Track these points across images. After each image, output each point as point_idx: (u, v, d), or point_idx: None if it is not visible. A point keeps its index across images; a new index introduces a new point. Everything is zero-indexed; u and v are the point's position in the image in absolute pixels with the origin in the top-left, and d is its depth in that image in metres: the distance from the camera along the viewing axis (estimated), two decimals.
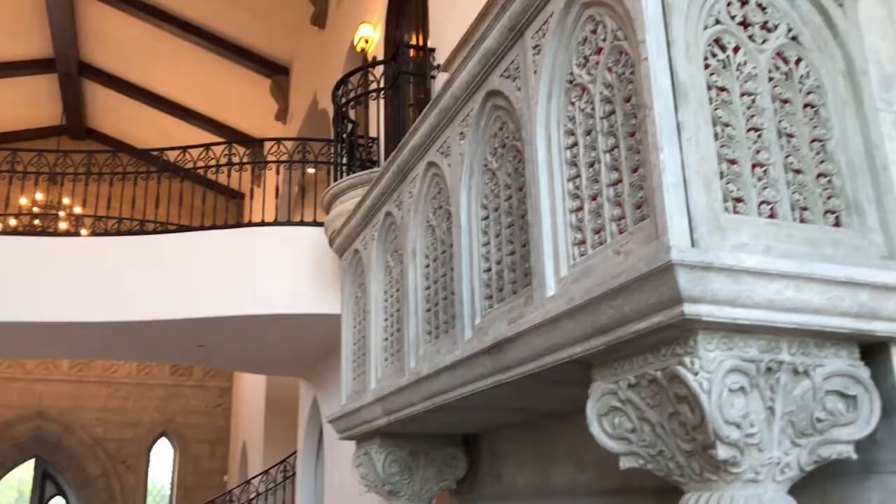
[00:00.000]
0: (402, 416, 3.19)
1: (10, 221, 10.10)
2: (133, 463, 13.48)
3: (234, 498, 9.81)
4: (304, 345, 6.95)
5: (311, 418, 7.94)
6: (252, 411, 11.43)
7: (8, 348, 7.93)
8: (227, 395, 14.03)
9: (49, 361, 13.33)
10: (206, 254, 6.35)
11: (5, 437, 13.09)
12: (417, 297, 3.18)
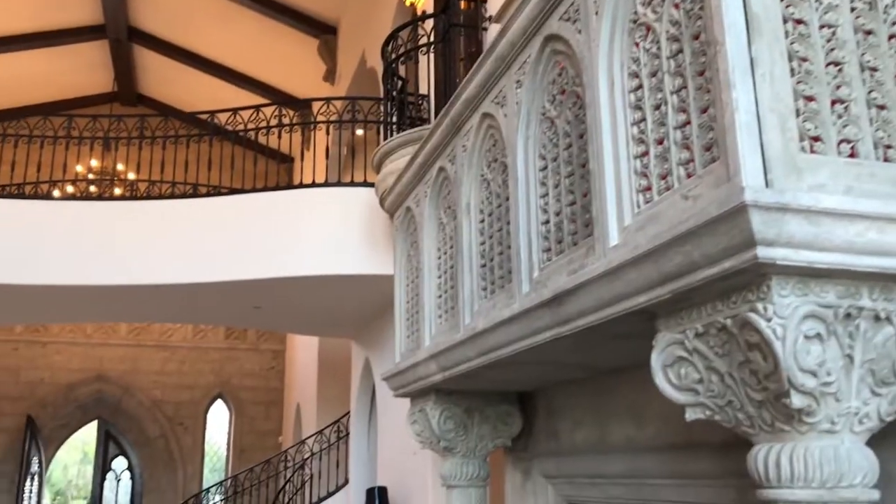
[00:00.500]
0: (457, 373, 3.18)
1: (67, 188, 10.33)
2: (190, 424, 13.85)
3: (289, 458, 10.02)
4: (355, 306, 6.99)
5: (363, 379, 8.02)
6: (305, 373, 11.61)
7: (69, 312, 8.15)
8: (281, 358, 14.27)
9: (108, 326, 13.71)
10: (259, 216, 6.40)
11: (69, 400, 13.55)
12: (472, 252, 3.14)
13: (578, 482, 3.15)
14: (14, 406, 13.19)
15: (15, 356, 13.36)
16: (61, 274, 6.42)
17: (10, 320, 10.95)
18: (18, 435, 12.97)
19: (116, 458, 14.15)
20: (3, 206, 6.77)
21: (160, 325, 13.88)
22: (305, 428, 11.04)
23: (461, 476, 3.68)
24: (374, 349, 7.50)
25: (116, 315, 9.28)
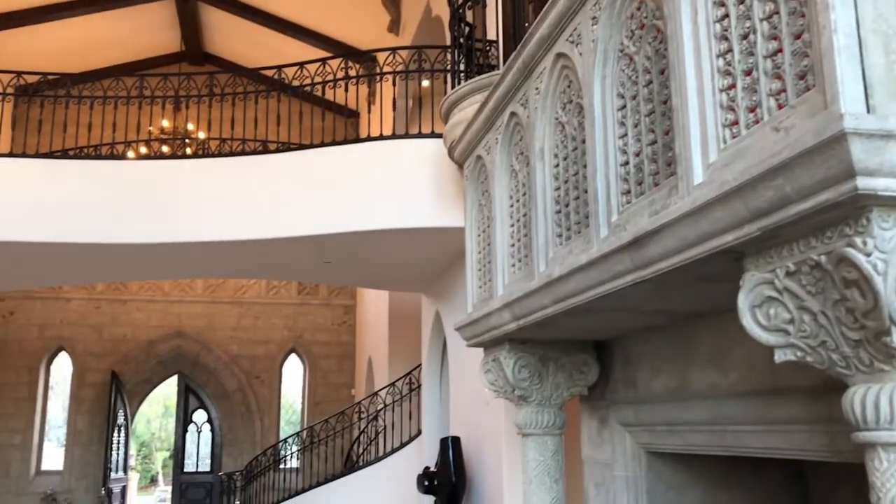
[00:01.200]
0: (532, 321, 3.16)
1: (140, 149, 10.61)
2: (266, 378, 14.26)
3: (363, 409, 10.23)
4: (424, 259, 7.02)
5: (433, 332, 8.09)
6: (376, 328, 11.79)
7: (147, 270, 8.41)
8: (352, 313, 14.52)
9: (185, 284, 14.15)
10: (327, 170, 6.45)
11: (150, 356, 14.10)
12: (546, 198, 3.09)
13: (657, 430, 3.12)
14: (99, 362, 13.80)
15: (98, 314, 13.93)
16: (138, 233, 6.61)
17: (91, 279, 11.38)
18: (104, 389, 13.58)
19: (197, 411, 14.71)
20: (82, 168, 6.97)
21: (234, 282, 14.25)
22: (377, 380, 11.24)
23: (536, 424, 3.68)
24: (444, 302, 7.54)
25: (192, 272, 9.54)
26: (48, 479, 13.48)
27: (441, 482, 6.09)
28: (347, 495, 9.16)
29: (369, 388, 12.12)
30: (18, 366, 13.57)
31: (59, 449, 14.74)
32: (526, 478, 3.70)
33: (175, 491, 14.43)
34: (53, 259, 7.31)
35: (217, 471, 14.00)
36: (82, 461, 13.52)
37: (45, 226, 6.58)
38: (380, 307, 11.25)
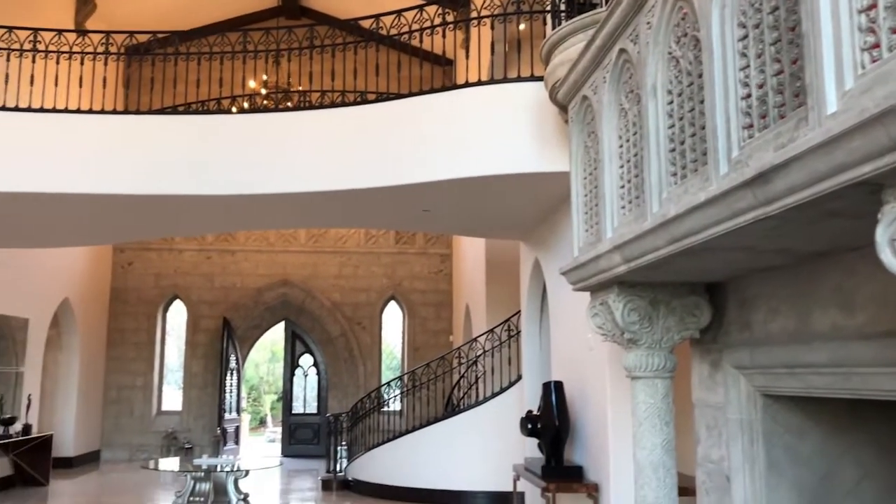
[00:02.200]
0: (643, 263, 3.11)
1: (244, 104, 10.89)
2: (367, 324, 14.66)
3: (462, 355, 10.40)
4: (524, 206, 6.99)
5: (532, 279, 8.09)
6: (473, 275, 11.88)
7: (253, 220, 8.70)
8: (448, 262, 14.69)
9: (289, 234, 14.60)
10: (425, 118, 6.46)
11: (259, 303, 14.69)
12: (659, 136, 3.01)
13: (774, 372, 3.04)
14: (212, 309, 14.49)
15: (209, 264, 14.58)
16: (245, 184, 6.82)
17: (202, 230, 11.89)
18: (217, 335, 14.28)
19: (303, 356, 15.31)
20: (192, 123, 7.23)
21: (335, 232, 14.61)
22: (475, 327, 11.37)
23: (646, 367, 3.66)
24: (543, 249, 7.50)
25: (297, 222, 9.80)
26: (168, 419, 14.37)
27: (544, 425, 6.15)
28: (448, 437, 9.39)
29: (467, 334, 12.28)
30: (138, 313, 14.40)
31: (176, 391, 15.65)
32: (636, 420, 3.70)
33: (284, 431, 15.15)
34: (168, 211, 7.66)
35: (323, 412, 14.59)
36: (198, 402, 14.33)
37: (159, 179, 6.88)
38: (477, 255, 11.32)
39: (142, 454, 13.53)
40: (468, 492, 9.17)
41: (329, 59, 7.32)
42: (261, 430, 23.47)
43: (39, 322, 11.62)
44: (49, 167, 6.83)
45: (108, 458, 13.88)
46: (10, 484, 10.57)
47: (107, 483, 11.66)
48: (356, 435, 10.92)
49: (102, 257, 14.05)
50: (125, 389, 14.23)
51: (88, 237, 10.14)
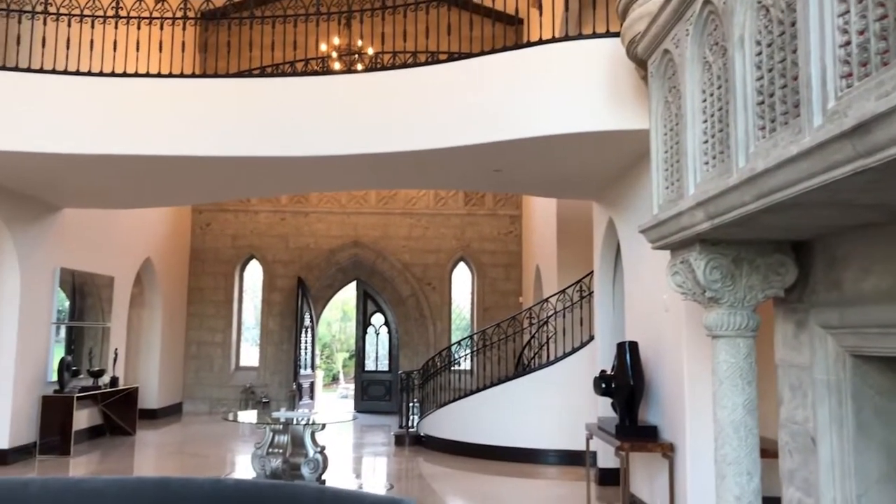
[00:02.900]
0: (728, 220, 3.05)
1: (316, 68, 10.98)
2: (437, 285, 14.79)
3: (534, 315, 10.41)
4: (598, 165, 6.90)
5: (606, 239, 8.01)
6: (543, 236, 11.83)
7: (327, 181, 8.82)
8: (518, 223, 14.65)
9: (360, 196, 14.77)
10: (498, 77, 6.41)
11: (331, 263, 14.97)
12: (747, 89, 2.93)
13: (866, 333, 2.96)
14: (286, 269, 14.84)
15: (283, 225, 14.90)
16: (318, 145, 6.92)
17: (278, 191, 12.12)
18: (292, 294, 14.64)
19: (374, 315, 15.58)
20: (268, 85, 7.34)
21: (405, 194, 14.71)
22: (546, 288, 11.35)
23: (728, 326, 3.61)
24: (617, 209, 7.41)
25: (368, 183, 9.91)
26: (246, 374, 14.87)
27: (619, 385, 6.13)
28: (519, 396, 9.46)
29: (537, 295, 12.27)
30: (216, 272, 14.86)
31: (253, 347, 16.14)
32: (716, 380, 3.66)
33: (357, 387, 15.51)
34: (244, 173, 7.84)
35: (395, 370, 14.88)
36: (274, 358, 14.77)
37: (236, 141, 7.04)
38: (548, 216, 11.25)
39: (221, 407, 14.07)
40: (538, 449, 9.25)
41: (400, 19, 7.31)
42: (333, 386, 24.06)
43: (124, 280, 12.11)
44: (131, 130, 7.06)
45: (189, 410, 14.48)
46: (101, 433, 11.16)
47: (189, 434, 12.18)
48: (427, 392, 11.10)
49: (182, 218, 14.51)
50: (205, 345, 14.76)
51: (169, 198, 10.47)
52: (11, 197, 8.89)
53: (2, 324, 8.99)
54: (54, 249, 9.88)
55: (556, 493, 7.87)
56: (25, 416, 9.22)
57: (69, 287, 10.35)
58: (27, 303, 9.22)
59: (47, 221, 9.71)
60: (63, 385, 9.72)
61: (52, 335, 9.84)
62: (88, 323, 10.99)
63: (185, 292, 14.74)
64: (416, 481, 8.69)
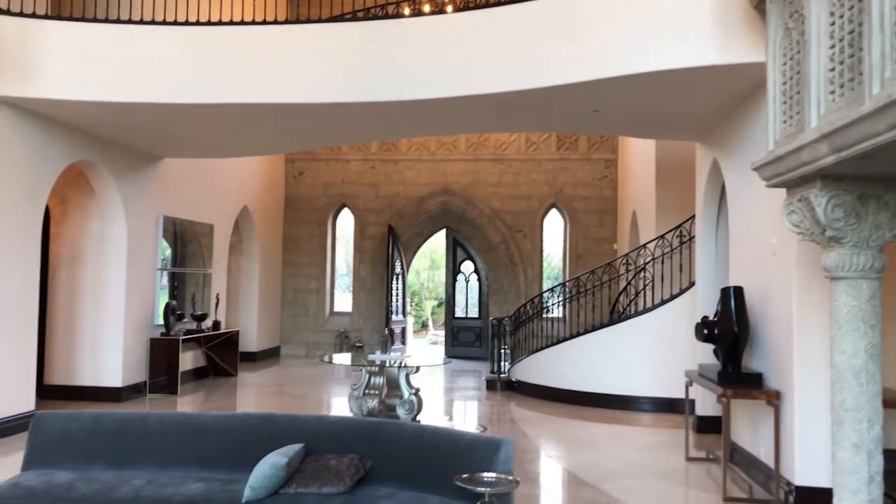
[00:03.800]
0: (857, 152, 2.84)
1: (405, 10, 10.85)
2: (528, 232, 14.65)
3: (630, 261, 10.19)
4: (703, 102, 6.58)
5: (709, 181, 7.68)
6: (640, 180, 11.50)
7: (416, 126, 8.77)
8: (613, 167, 14.28)
9: (449, 143, 14.69)
10: (597, 12, 6.15)
11: (420, 211, 15.01)
12: (884, 7, 2.68)
13: None
14: (377, 217, 14.98)
15: (373, 173, 15.00)
16: (408, 89, 6.84)
17: (371, 138, 12.17)
18: (382, 242, 14.79)
19: (464, 262, 15.61)
20: (356, 29, 7.27)
21: (495, 140, 14.54)
22: (643, 234, 11.06)
23: (850, 267, 3.39)
24: (723, 148, 7.09)
25: (462, 127, 9.79)
26: (339, 319, 15.22)
27: (722, 331, 5.93)
28: (614, 343, 9.33)
29: (633, 241, 11.99)
30: (310, 220, 15.16)
31: (346, 294, 16.49)
32: (835, 323, 3.46)
33: (447, 334, 15.67)
34: (335, 119, 7.86)
35: (485, 317, 14.93)
36: (367, 304, 15.04)
37: (326, 87, 7.04)
38: (645, 159, 10.90)
39: (317, 351, 14.47)
40: (632, 396, 9.14)
41: None
42: (422, 333, 24.41)
43: (223, 228, 12.49)
44: (225, 79, 7.15)
45: (286, 353, 14.97)
46: (204, 374, 11.66)
47: (287, 376, 12.60)
48: (519, 339, 11.09)
49: (276, 168, 14.79)
50: (300, 292, 15.15)
51: (263, 147, 10.65)
52: (116, 148, 9.22)
53: (112, 270, 9.42)
54: (157, 198, 10.24)
55: (651, 440, 7.77)
56: (135, 357, 9.70)
57: (171, 235, 10.74)
58: (134, 250, 9.61)
59: (149, 171, 10.05)
60: (169, 328, 10.16)
61: (158, 281, 10.27)
62: (190, 269, 11.40)
63: (281, 240, 15.11)
64: (508, 425, 8.74)
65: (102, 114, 7.64)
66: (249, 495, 3.69)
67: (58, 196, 9.25)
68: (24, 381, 7.72)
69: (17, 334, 7.62)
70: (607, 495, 5.74)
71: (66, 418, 4.31)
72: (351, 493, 3.76)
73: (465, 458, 3.80)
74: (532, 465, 6.61)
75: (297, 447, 3.94)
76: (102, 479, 3.94)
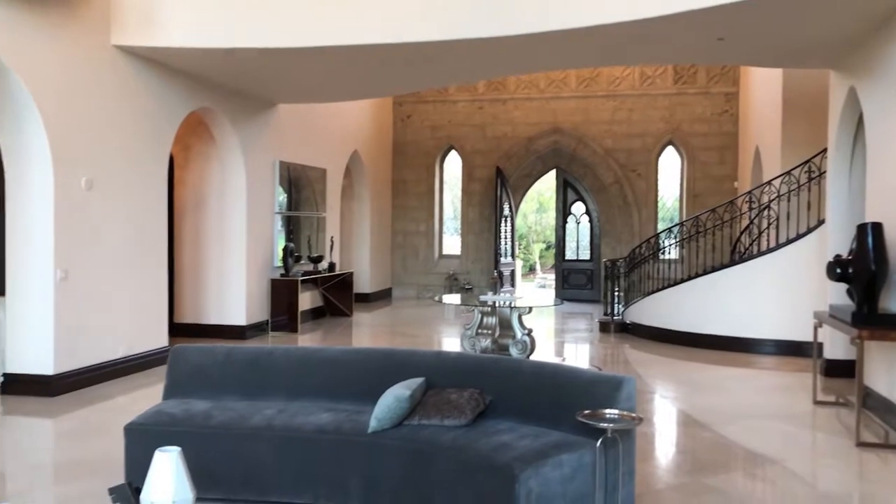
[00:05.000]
0: None
1: None
2: (642, 171, 14.19)
3: (753, 199, 9.71)
4: (839, 25, 6.08)
5: (845, 111, 7.14)
6: (765, 113, 10.86)
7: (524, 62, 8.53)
8: (734, 101, 13.56)
9: (559, 80, 14.32)
10: None
11: (529, 152, 14.79)
12: None
13: None
14: (485, 158, 14.88)
15: (480, 114, 14.84)
16: (516, 24, 6.61)
17: (474, 77, 11.97)
18: (490, 184, 14.72)
19: (574, 204, 15.33)
20: None
21: (608, 75, 14.07)
22: (766, 171, 10.51)
23: None
24: (862, 74, 6.56)
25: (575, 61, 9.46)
26: (448, 262, 15.35)
27: (857, 270, 5.57)
28: (736, 284, 8.99)
29: (756, 179, 11.43)
30: (417, 164, 15.23)
31: (454, 237, 16.58)
32: None
33: (558, 276, 15.53)
34: (443, 58, 7.74)
35: (596, 259, 14.70)
36: (475, 247, 15.08)
37: (439, 23, 6.90)
38: (771, 91, 10.28)
39: (426, 293, 14.68)
40: (755, 339, 8.83)
41: None
42: (530, 276, 24.37)
43: (335, 172, 12.71)
44: (336, 21, 7.11)
45: (398, 295, 15.26)
46: (321, 314, 12.05)
47: (399, 316, 12.86)
48: (633, 280, 10.86)
49: (384, 112, 14.87)
50: (410, 235, 15.34)
51: (373, 90, 10.67)
52: (233, 95, 9.46)
53: (233, 214, 9.77)
54: (272, 144, 10.49)
55: (774, 383, 7.49)
56: (257, 297, 10.10)
57: (285, 180, 11.01)
58: (253, 194, 9.92)
59: (265, 117, 10.28)
60: (287, 270, 10.50)
61: (275, 225, 10.59)
62: (305, 213, 11.69)
63: (390, 184, 15.28)
64: (622, 366, 8.62)
65: (220, 61, 7.82)
66: (375, 426, 3.78)
67: (180, 143, 9.62)
68: (159, 319, 8.18)
69: (153, 277, 8.05)
70: (727, 438, 5.58)
71: (202, 352, 4.52)
72: (472, 426, 3.78)
73: (586, 395, 3.75)
74: (647, 406, 6.50)
75: (418, 381, 3.99)
76: (236, 408, 4.12)
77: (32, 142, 6.42)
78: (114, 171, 7.32)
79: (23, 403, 6.28)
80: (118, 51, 7.27)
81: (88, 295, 6.96)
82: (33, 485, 4.44)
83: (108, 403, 6.40)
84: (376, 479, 3.73)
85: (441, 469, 3.59)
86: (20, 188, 6.54)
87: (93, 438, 5.34)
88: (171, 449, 2.39)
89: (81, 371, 6.84)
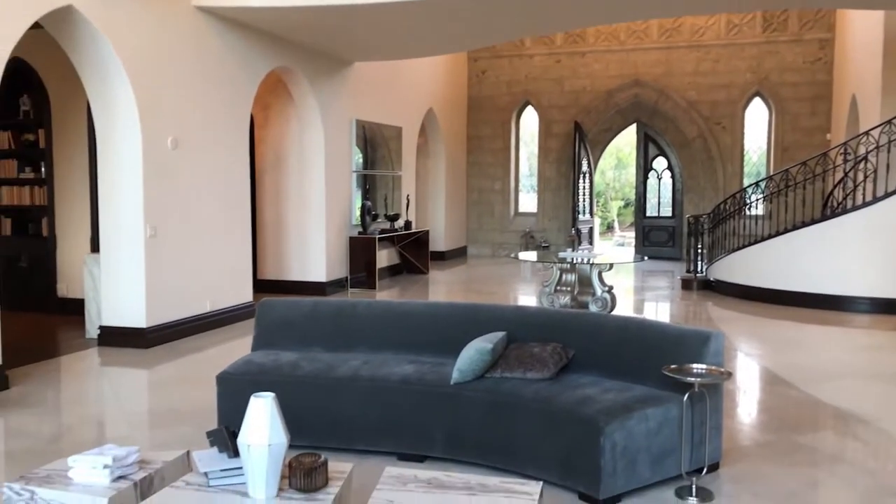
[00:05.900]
0: None
1: None
2: (728, 124, 13.66)
3: (849, 150, 9.24)
4: None
5: None
6: (863, 60, 10.27)
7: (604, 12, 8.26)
8: (829, 48, 12.84)
9: (640, 31, 13.85)
10: None
11: (609, 105, 14.42)
12: None
13: None
14: (562, 113, 14.59)
15: (558, 68, 14.52)
16: None
17: (552, 29, 11.69)
18: (568, 140, 14.45)
19: (656, 159, 14.92)
20: None
21: (691, 25, 13.53)
22: (864, 121, 9.97)
23: None
24: None
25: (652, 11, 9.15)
26: (524, 220, 15.22)
27: None
28: (827, 240, 8.64)
29: (851, 130, 10.87)
30: (493, 120, 15.06)
31: (530, 194, 16.39)
32: None
33: (638, 233, 15.22)
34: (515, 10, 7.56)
35: (678, 215, 14.33)
36: (552, 205, 14.90)
37: None
38: (870, 35, 9.69)
39: (502, 251, 14.62)
40: (847, 297, 8.49)
41: None
42: (608, 235, 23.99)
43: (410, 130, 12.69)
44: None
45: (473, 253, 15.25)
46: (398, 271, 12.16)
47: (474, 274, 12.86)
48: (717, 237, 10.54)
49: (459, 67, 14.71)
50: (485, 192, 15.25)
51: (448, 44, 10.53)
52: (310, 54, 9.50)
53: (312, 173, 9.90)
54: (349, 102, 10.52)
55: (868, 342, 7.19)
56: (336, 254, 10.24)
57: (361, 139, 11.05)
58: (330, 153, 10.01)
59: (341, 76, 10.31)
60: (365, 228, 10.60)
61: (353, 183, 10.67)
62: (381, 171, 11.74)
63: (465, 141, 15.17)
64: (705, 323, 8.41)
65: (298, 19, 7.84)
66: (458, 377, 3.79)
67: (259, 103, 9.74)
68: (244, 275, 8.39)
69: (237, 234, 8.25)
70: (816, 397, 5.39)
71: (288, 305, 4.61)
72: (555, 380, 3.76)
73: (672, 350, 3.69)
74: (732, 363, 6.33)
75: (500, 334, 3.97)
76: (322, 359, 4.20)
77: (121, 104, 6.61)
78: (197, 130, 7.48)
79: (119, 355, 6.57)
80: (199, 11, 7.37)
81: (176, 251, 7.18)
82: (132, 430, 4.65)
83: (198, 355, 6.64)
84: (459, 430, 3.76)
85: (524, 421, 3.59)
86: (111, 149, 6.76)
87: (186, 387, 5.55)
88: (266, 394, 2.45)
89: (172, 324, 7.10)
